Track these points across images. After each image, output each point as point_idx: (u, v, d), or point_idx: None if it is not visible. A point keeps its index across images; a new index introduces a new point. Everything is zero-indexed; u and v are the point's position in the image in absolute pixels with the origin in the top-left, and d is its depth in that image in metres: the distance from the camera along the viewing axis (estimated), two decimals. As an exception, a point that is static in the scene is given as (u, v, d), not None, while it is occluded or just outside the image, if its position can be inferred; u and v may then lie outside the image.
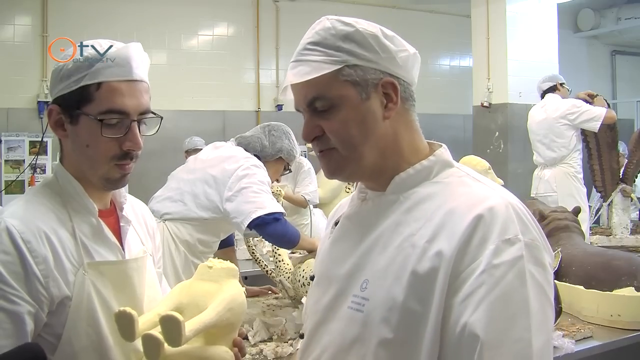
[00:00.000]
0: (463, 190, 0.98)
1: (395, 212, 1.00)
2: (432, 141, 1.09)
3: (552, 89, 4.67)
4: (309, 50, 1.00)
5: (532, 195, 4.58)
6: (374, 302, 0.95)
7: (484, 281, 0.87)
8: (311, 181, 4.30)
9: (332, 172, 1.05)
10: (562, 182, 4.52)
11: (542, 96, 4.73)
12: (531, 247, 0.91)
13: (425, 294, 0.90)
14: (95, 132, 1.16)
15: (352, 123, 0.99)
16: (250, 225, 2.31)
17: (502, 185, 1.06)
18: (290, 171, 2.84)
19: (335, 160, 1.02)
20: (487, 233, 0.89)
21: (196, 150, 5.49)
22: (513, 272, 0.88)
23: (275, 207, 2.35)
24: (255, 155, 2.53)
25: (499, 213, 0.91)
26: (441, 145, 1.07)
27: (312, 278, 1.14)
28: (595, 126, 4.26)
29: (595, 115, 4.26)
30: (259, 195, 2.35)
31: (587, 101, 4.42)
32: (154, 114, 1.23)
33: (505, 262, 0.88)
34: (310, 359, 1.05)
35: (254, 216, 2.29)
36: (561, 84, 4.68)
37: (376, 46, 1.00)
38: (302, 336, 1.13)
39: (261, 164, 2.49)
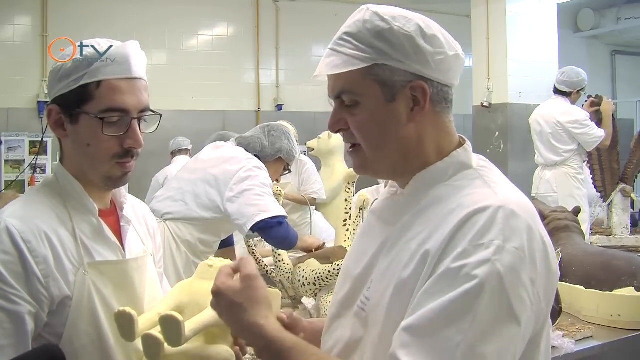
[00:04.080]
0: (466, 193, 0.94)
1: (407, 214, 0.99)
2: (463, 137, 1.05)
3: (564, 94, 4.56)
4: (344, 41, 0.98)
5: (532, 195, 4.57)
6: (372, 304, 0.96)
7: (436, 282, 0.85)
8: (316, 179, 4.30)
9: (357, 168, 1.05)
10: (563, 182, 4.51)
11: (555, 91, 4.65)
12: (511, 254, 0.85)
13: (407, 299, 0.89)
14: (96, 131, 1.16)
15: (373, 123, 0.98)
16: (253, 228, 2.31)
17: None
18: (290, 171, 2.84)
19: (361, 157, 1.02)
20: (464, 236, 0.86)
21: (181, 152, 5.49)
22: (470, 276, 0.83)
23: (279, 210, 2.35)
24: (255, 156, 2.53)
25: (481, 216, 0.87)
26: (464, 143, 1.03)
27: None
28: (590, 146, 4.30)
29: (594, 137, 4.27)
30: (262, 198, 2.35)
31: (591, 117, 4.37)
32: (153, 111, 1.24)
33: (467, 265, 0.84)
34: (325, 348, 1.06)
35: (258, 219, 2.30)
36: (578, 91, 4.56)
37: (409, 48, 0.96)
38: None
39: (263, 165, 2.49)
